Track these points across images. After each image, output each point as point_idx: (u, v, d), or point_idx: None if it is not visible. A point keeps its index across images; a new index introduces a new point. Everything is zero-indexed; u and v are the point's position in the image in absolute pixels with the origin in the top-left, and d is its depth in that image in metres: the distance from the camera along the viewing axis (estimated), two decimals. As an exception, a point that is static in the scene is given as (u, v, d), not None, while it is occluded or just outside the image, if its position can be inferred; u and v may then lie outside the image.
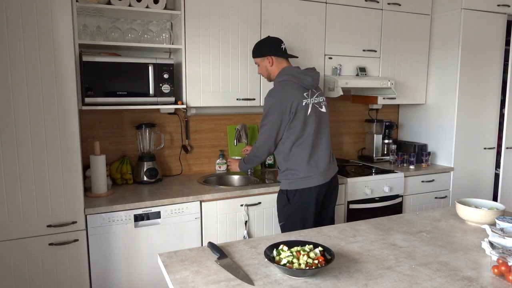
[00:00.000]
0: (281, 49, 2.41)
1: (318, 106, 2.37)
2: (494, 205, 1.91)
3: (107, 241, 2.22)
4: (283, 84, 2.32)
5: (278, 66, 2.40)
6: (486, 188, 3.47)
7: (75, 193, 2.11)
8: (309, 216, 2.34)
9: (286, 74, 2.34)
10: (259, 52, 2.44)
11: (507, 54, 3.34)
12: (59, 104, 2.03)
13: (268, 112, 2.29)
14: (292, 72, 2.34)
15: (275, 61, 2.40)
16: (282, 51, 2.41)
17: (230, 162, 2.68)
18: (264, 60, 2.42)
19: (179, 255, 1.52)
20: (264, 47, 2.42)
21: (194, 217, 2.42)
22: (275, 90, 2.33)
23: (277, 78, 2.39)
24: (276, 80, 2.40)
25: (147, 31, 2.63)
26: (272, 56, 2.39)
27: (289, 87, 2.30)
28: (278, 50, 2.40)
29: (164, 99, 2.49)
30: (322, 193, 2.37)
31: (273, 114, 2.27)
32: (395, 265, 1.43)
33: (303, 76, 2.33)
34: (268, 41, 2.45)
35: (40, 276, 2.08)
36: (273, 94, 2.31)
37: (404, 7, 3.23)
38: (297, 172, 2.32)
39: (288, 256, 1.36)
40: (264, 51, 2.41)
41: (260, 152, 2.38)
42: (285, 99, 2.26)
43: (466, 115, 3.28)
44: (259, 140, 2.36)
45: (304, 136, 2.31)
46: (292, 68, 2.38)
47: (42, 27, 1.96)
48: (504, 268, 1.31)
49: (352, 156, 3.64)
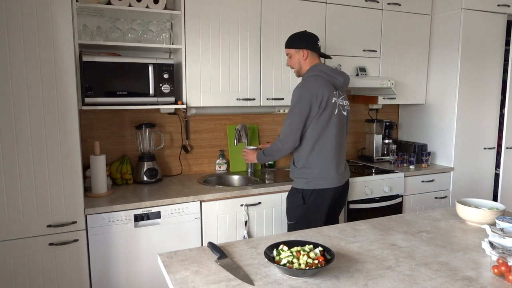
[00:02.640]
0: (317, 45, 2.36)
1: (342, 109, 2.33)
2: (494, 205, 1.91)
3: (107, 241, 2.22)
4: (315, 78, 2.27)
5: (311, 61, 2.35)
6: (486, 188, 3.47)
7: (75, 193, 2.11)
8: (321, 218, 2.30)
9: (318, 70, 2.30)
10: (295, 44, 2.36)
11: (507, 54, 3.34)
12: (59, 104, 2.03)
13: (297, 103, 2.22)
14: (325, 70, 2.31)
15: (310, 56, 2.34)
16: (318, 47, 2.37)
17: (246, 153, 2.56)
18: (299, 52, 2.35)
19: (179, 255, 1.52)
20: (302, 40, 2.35)
21: (194, 217, 2.42)
22: (307, 81, 2.27)
23: (308, 72, 2.33)
24: (306, 75, 2.33)
25: (147, 31, 2.63)
26: (308, 50, 2.33)
27: (321, 81, 2.25)
28: (314, 45, 2.35)
29: (164, 99, 2.49)
30: (336, 196, 2.34)
31: (302, 105, 2.20)
32: (395, 265, 1.43)
33: (335, 75, 2.30)
34: (306, 35, 2.38)
35: (40, 276, 2.08)
36: (304, 85, 2.25)
37: (404, 7, 3.23)
38: (316, 171, 2.27)
39: (288, 256, 1.36)
40: (301, 43, 2.34)
41: (284, 146, 2.29)
42: (317, 91, 2.21)
43: (466, 115, 3.29)
44: (285, 133, 2.27)
45: (328, 134, 2.26)
46: (324, 66, 2.36)
47: (42, 27, 1.96)
48: (504, 268, 1.31)
49: (352, 156, 3.64)
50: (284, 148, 2.30)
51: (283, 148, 2.30)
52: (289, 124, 2.26)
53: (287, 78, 2.89)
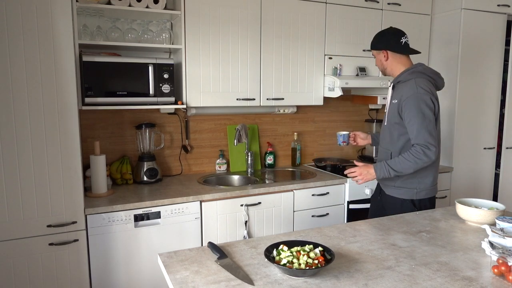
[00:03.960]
0: (400, 43, 2.18)
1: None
2: (494, 205, 1.91)
3: (107, 241, 2.22)
4: (425, 78, 2.12)
5: (395, 61, 2.21)
6: (486, 188, 3.47)
7: (75, 193, 2.11)
8: None
9: (419, 72, 2.14)
10: (376, 45, 2.25)
11: (507, 54, 3.34)
12: (59, 104, 2.03)
13: (419, 106, 2.03)
14: (427, 72, 2.16)
15: (391, 56, 2.20)
16: (401, 45, 2.18)
17: (360, 173, 2.17)
18: (380, 53, 2.24)
19: (179, 255, 1.52)
20: (382, 40, 2.22)
21: (194, 217, 2.42)
22: (420, 82, 2.08)
23: (406, 72, 2.16)
24: (407, 74, 2.15)
25: (147, 31, 2.63)
26: (388, 50, 2.20)
27: (430, 82, 2.12)
28: (395, 44, 2.18)
29: (164, 99, 2.49)
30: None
31: (428, 106, 2.04)
32: (395, 265, 1.43)
33: (437, 77, 2.18)
34: (387, 34, 2.22)
35: (40, 276, 2.08)
36: (420, 84, 2.07)
37: (404, 7, 3.23)
38: (429, 179, 2.15)
39: (288, 256, 1.36)
40: (380, 44, 2.22)
41: (429, 155, 2.01)
42: (434, 92, 2.09)
43: (466, 115, 3.29)
44: (425, 141, 2.01)
45: (437, 138, 2.10)
46: (425, 66, 2.19)
47: (42, 27, 1.96)
48: (504, 268, 1.31)
49: (353, 156, 3.64)
50: (428, 158, 2.03)
51: (426, 159, 2.03)
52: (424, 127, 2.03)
53: (287, 78, 2.89)
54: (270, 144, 3.25)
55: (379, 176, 2.11)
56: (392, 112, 2.19)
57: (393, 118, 2.19)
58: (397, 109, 2.15)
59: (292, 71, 2.91)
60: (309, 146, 3.45)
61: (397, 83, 2.20)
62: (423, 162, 2.03)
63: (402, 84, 2.16)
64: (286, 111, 3.18)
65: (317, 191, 2.77)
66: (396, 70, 2.22)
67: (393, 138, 2.21)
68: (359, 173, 2.16)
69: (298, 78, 2.94)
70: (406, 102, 2.07)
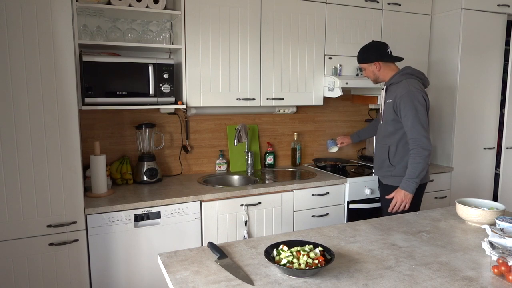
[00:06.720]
0: (387, 53, 2.46)
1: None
2: (494, 205, 1.91)
3: (107, 241, 2.22)
4: (414, 79, 2.39)
5: (387, 69, 2.47)
6: (486, 188, 3.47)
7: (75, 193, 2.11)
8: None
9: (408, 74, 2.41)
10: (366, 58, 2.49)
11: (507, 54, 3.34)
12: (59, 104, 2.03)
13: (413, 103, 2.28)
14: (415, 73, 2.42)
15: (383, 66, 2.47)
16: (389, 55, 2.46)
17: (401, 200, 2.32)
18: (371, 65, 2.49)
19: (179, 255, 1.52)
20: (371, 53, 2.47)
21: (194, 217, 2.42)
22: (411, 83, 2.35)
23: (397, 75, 2.43)
24: (398, 76, 2.42)
25: (147, 31, 2.63)
26: (379, 61, 2.46)
27: (419, 82, 2.39)
28: (384, 54, 2.45)
29: (164, 99, 2.49)
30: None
31: (420, 103, 2.29)
32: (395, 265, 1.43)
33: (424, 77, 2.44)
34: (374, 46, 2.49)
35: (40, 276, 2.08)
36: (411, 84, 2.33)
37: (404, 7, 3.23)
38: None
39: (288, 256, 1.36)
40: (371, 57, 2.47)
41: (426, 147, 2.28)
42: (423, 90, 2.35)
43: (466, 115, 3.29)
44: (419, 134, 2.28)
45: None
46: (412, 68, 2.46)
47: (42, 27, 1.96)
48: (504, 268, 1.31)
49: (352, 156, 3.64)
50: (427, 153, 2.30)
51: (427, 153, 2.30)
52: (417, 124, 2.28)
53: (287, 78, 2.89)
54: (270, 144, 3.25)
55: (412, 190, 2.31)
56: (388, 110, 2.46)
57: (389, 116, 2.45)
58: (392, 107, 2.40)
59: (292, 71, 2.91)
60: (309, 146, 3.45)
61: (389, 85, 2.47)
62: (427, 154, 2.29)
63: (395, 85, 2.42)
64: (286, 111, 3.18)
65: (317, 191, 2.77)
66: (387, 76, 2.49)
67: (390, 133, 2.46)
68: (400, 200, 2.33)
69: (298, 78, 2.94)
70: (401, 99, 2.33)
